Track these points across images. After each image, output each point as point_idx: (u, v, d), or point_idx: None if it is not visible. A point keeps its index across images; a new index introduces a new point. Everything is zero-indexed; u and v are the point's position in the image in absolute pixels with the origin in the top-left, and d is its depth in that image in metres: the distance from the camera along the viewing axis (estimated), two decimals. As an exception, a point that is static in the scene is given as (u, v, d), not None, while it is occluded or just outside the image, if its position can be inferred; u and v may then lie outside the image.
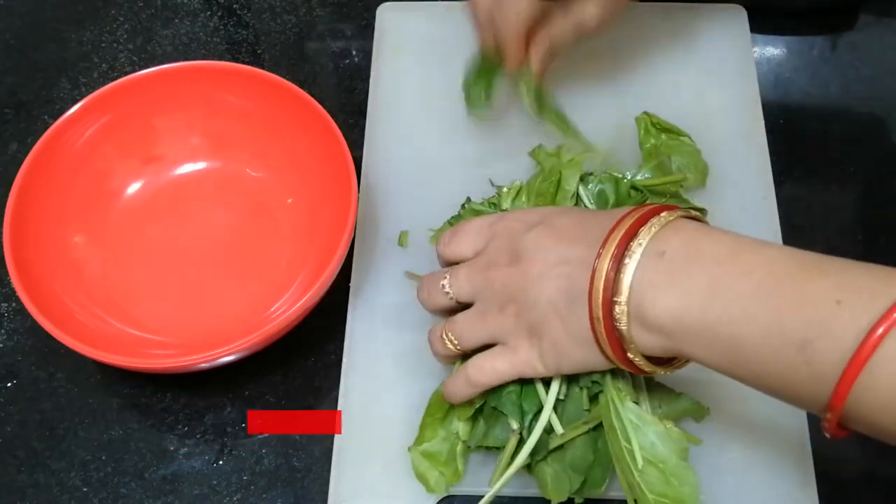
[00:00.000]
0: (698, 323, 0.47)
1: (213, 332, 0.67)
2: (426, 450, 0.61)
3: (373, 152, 0.76)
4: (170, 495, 0.64)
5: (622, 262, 0.50)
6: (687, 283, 0.48)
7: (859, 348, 0.42)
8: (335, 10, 0.87)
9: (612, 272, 0.50)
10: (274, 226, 0.73)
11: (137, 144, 0.74)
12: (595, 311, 0.51)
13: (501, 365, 0.56)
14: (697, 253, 0.48)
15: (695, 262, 0.48)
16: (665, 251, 0.49)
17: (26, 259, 0.65)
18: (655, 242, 0.49)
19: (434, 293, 0.60)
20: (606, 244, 0.51)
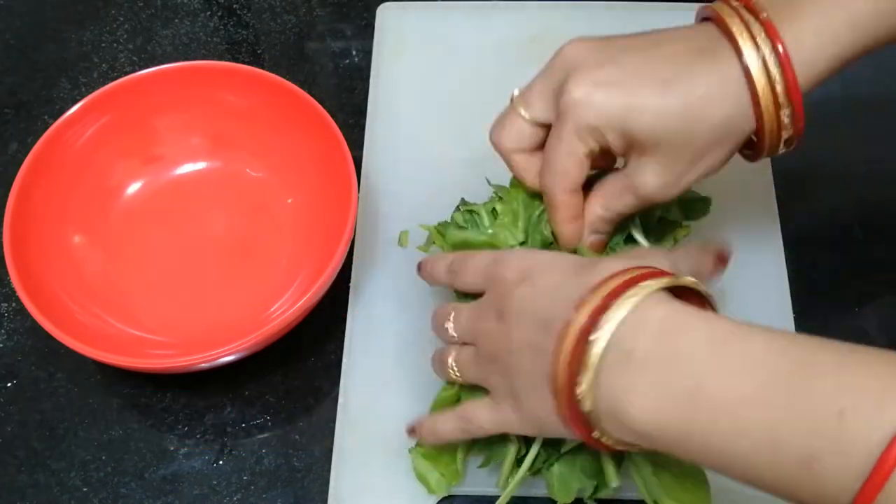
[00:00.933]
0: (683, 433, 0.43)
1: (212, 332, 0.67)
2: (427, 451, 0.61)
3: (373, 152, 0.76)
4: (170, 495, 0.64)
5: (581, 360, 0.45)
6: (665, 389, 0.43)
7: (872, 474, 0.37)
8: (335, 10, 0.87)
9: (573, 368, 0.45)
10: (274, 226, 0.73)
11: (137, 144, 0.74)
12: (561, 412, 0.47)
13: (487, 422, 0.54)
14: (673, 352, 0.43)
15: (671, 363, 0.43)
16: (633, 349, 0.44)
17: (26, 259, 0.65)
18: (621, 338, 0.44)
19: (440, 330, 0.59)
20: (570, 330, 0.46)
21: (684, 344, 0.43)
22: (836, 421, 0.38)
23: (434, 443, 0.60)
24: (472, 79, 0.79)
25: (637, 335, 0.44)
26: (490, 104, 0.78)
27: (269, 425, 0.67)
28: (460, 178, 0.73)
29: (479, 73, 0.80)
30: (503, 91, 0.79)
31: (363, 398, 0.66)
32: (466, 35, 0.82)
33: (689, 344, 0.43)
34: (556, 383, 0.46)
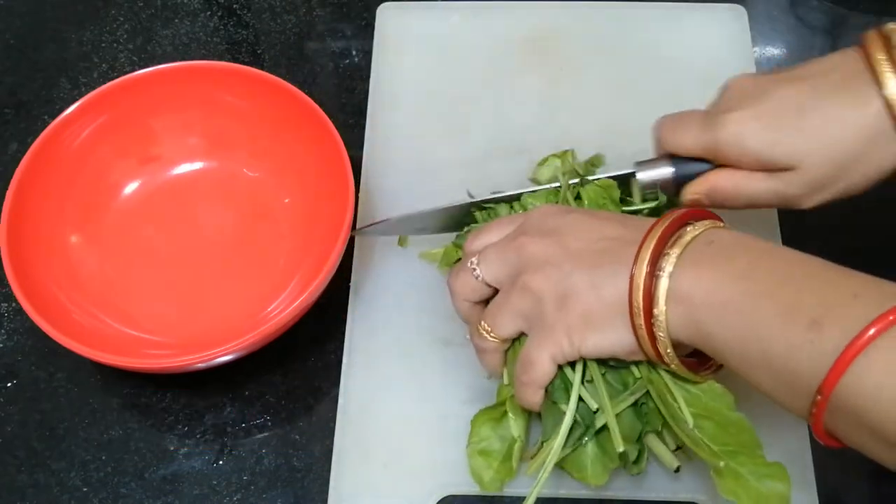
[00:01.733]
0: (723, 296, 0.49)
1: (210, 332, 0.67)
2: (484, 448, 0.60)
3: (372, 152, 0.76)
4: (170, 495, 0.64)
5: (671, 243, 0.52)
6: (725, 266, 0.50)
7: (861, 332, 0.43)
8: (335, 10, 0.87)
9: (659, 249, 0.52)
10: (271, 226, 0.73)
11: (135, 144, 0.74)
12: (636, 280, 0.52)
13: (536, 353, 0.55)
14: (740, 247, 0.51)
15: (736, 252, 0.51)
16: (713, 241, 0.52)
17: (24, 259, 0.65)
18: (706, 234, 0.52)
19: (462, 275, 0.59)
20: (655, 227, 0.53)
21: (751, 240, 0.52)
22: (848, 300, 0.46)
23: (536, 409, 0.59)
24: (471, 79, 0.80)
25: (718, 233, 0.53)
26: (489, 104, 0.79)
27: (269, 425, 0.67)
28: (460, 178, 0.73)
29: (478, 73, 0.80)
30: (502, 91, 0.80)
31: (363, 398, 0.66)
32: (466, 35, 0.82)
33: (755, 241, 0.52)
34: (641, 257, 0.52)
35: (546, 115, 0.77)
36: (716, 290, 0.50)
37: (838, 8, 0.85)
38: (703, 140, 0.60)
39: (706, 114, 0.61)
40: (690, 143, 0.61)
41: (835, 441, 0.47)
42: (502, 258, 0.57)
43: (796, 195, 0.59)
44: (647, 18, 0.83)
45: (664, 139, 0.63)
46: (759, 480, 0.53)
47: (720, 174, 0.61)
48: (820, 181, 0.58)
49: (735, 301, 0.49)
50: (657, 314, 0.51)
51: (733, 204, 0.61)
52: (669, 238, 0.52)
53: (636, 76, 0.79)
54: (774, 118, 0.58)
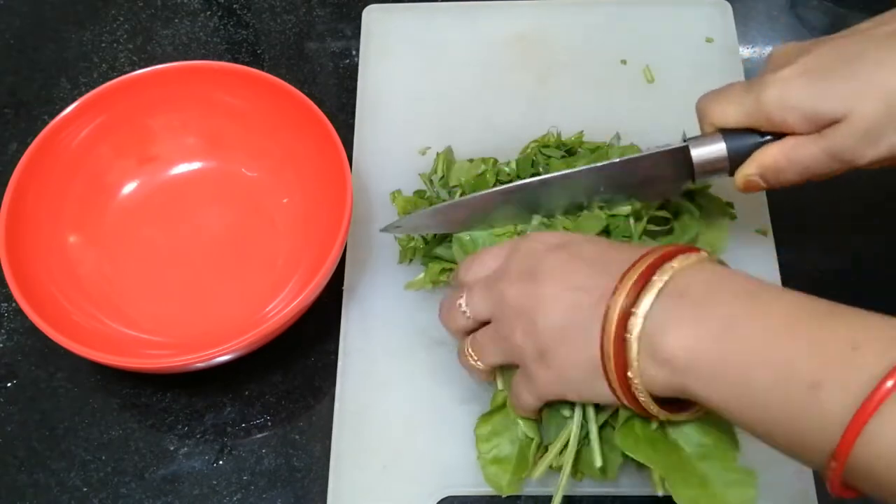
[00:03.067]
0: (710, 359, 0.47)
1: (208, 332, 0.67)
2: (496, 456, 0.60)
3: (364, 153, 0.76)
4: (170, 495, 0.64)
5: (639, 296, 0.49)
6: (703, 320, 0.48)
7: (871, 394, 0.41)
8: (335, 10, 0.87)
9: (628, 304, 0.49)
10: (269, 226, 0.73)
11: (133, 144, 0.74)
12: (605, 343, 0.50)
13: (524, 394, 0.56)
14: (717, 292, 0.49)
15: (713, 300, 0.48)
16: (684, 291, 0.49)
17: (22, 259, 0.65)
18: (676, 282, 0.49)
19: (453, 313, 0.59)
20: (626, 277, 0.50)
21: (728, 286, 0.49)
22: (847, 355, 0.43)
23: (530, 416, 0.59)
24: (458, 79, 0.80)
25: (689, 282, 0.49)
26: (477, 104, 0.79)
27: (269, 425, 0.67)
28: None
29: (465, 72, 0.80)
30: (489, 90, 0.80)
31: (360, 400, 0.66)
32: (452, 35, 0.82)
33: (732, 286, 0.49)
34: (609, 318, 0.50)
35: (534, 114, 0.76)
36: (697, 352, 0.47)
37: (838, 8, 0.85)
38: (747, 105, 0.57)
39: (749, 81, 0.58)
40: (735, 112, 0.58)
41: (853, 492, 0.44)
42: (486, 299, 0.57)
43: (850, 149, 0.54)
44: (633, 17, 0.83)
45: (708, 113, 0.59)
46: (725, 487, 0.53)
47: (768, 149, 0.57)
48: (873, 129, 0.53)
49: (722, 366, 0.46)
50: (632, 377, 0.50)
51: (790, 177, 0.58)
52: (639, 291, 0.49)
53: (623, 74, 0.79)
54: (819, 71, 0.54)
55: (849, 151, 0.54)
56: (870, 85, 0.53)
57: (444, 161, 0.72)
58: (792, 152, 0.56)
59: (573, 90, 0.78)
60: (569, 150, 0.71)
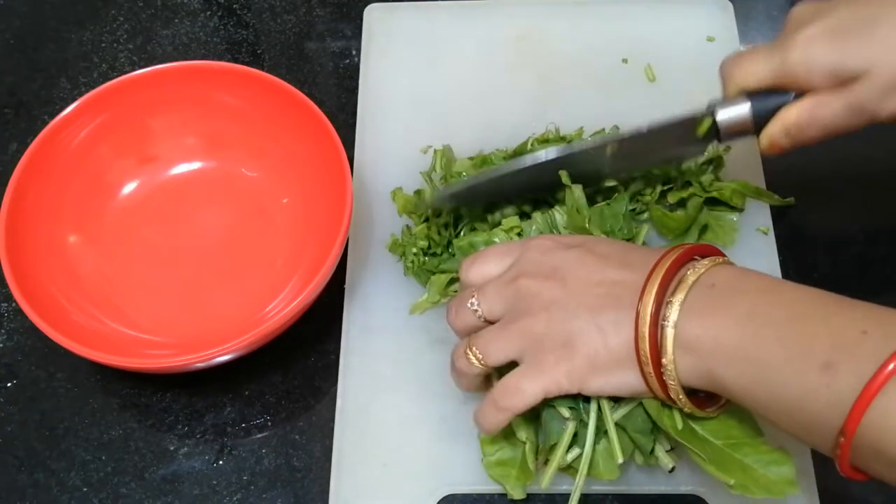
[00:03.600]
0: (733, 343, 0.50)
1: (208, 332, 0.67)
2: (499, 458, 0.60)
3: (365, 152, 0.76)
4: (170, 495, 0.64)
5: (672, 288, 0.52)
6: (729, 310, 0.50)
7: (877, 372, 0.44)
8: (335, 10, 0.87)
9: (661, 297, 0.52)
10: (269, 226, 0.73)
11: (133, 144, 0.74)
12: (642, 331, 0.52)
13: (528, 385, 0.55)
14: (743, 286, 0.52)
15: (739, 292, 0.51)
16: (714, 283, 0.52)
17: (22, 259, 0.65)
18: (706, 276, 0.52)
19: (462, 313, 0.59)
20: (655, 271, 0.53)
21: (752, 281, 0.52)
22: (857, 337, 0.46)
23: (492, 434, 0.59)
24: (459, 78, 0.80)
25: (717, 276, 0.52)
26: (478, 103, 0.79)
27: (269, 425, 0.67)
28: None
29: (466, 71, 0.80)
30: (491, 89, 0.80)
31: (361, 399, 0.66)
32: (453, 35, 0.82)
33: (756, 282, 0.52)
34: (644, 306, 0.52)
35: (535, 113, 0.76)
36: (723, 336, 0.50)
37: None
38: (772, 64, 0.59)
39: (771, 43, 0.60)
40: (759, 71, 0.60)
41: (861, 475, 0.47)
42: (503, 297, 0.57)
43: (872, 101, 0.57)
44: (633, 14, 0.83)
45: (732, 75, 0.62)
46: (765, 468, 0.54)
47: (791, 108, 0.59)
48: (893, 82, 0.56)
49: (744, 347, 0.49)
50: (666, 363, 0.51)
51: (814, 135, 0.60)
52: (670, 283, 0.52)
53: (624, 73, 0.79)
54: (842, 30, 0.57)
55: (871, 104, 0.57)
56: (889, 43, 0.56)
57: (443, 158, 0.72)
58: (816, 109, 0.59)
59: (574, 89, 0.78)
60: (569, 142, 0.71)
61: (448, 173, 0.71)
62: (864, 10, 0.57)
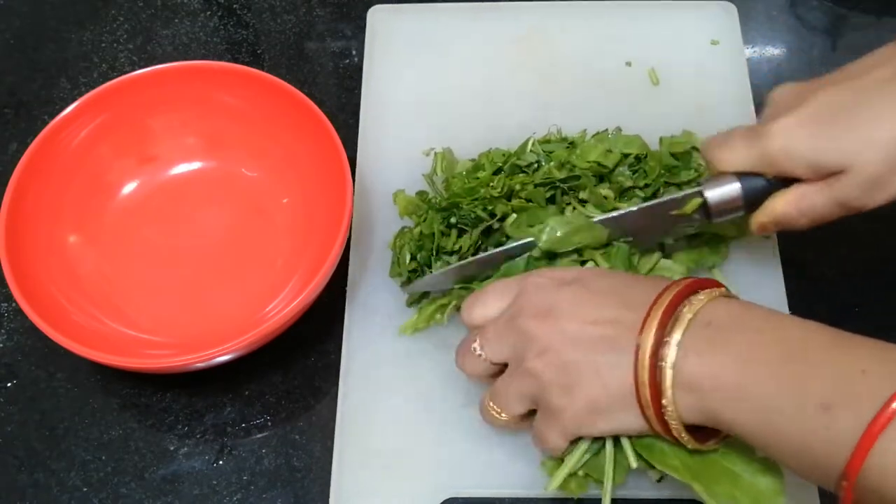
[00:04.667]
0: (732, 382, 0.49)
1: (208, 332, 0.67)
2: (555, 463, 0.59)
3: (367, 154, 0.76)
4: (170, 495, 0.64)
5: (670, 327, 0.51)
6: (727, 349, 0.50)
7: (878, 415, 0.43)
8: (335, 10, 0.87)
9: (658, 337, 0.51)
10: (269, 226, 0.73)
11: (133, 144, 0.74)
12: (640, 373, 0.51)
13: (549, 434, 0.56)
14: (740, 323, 0.51)
15: (736, 330, 0.51)
16: (711, 322, 0.51)
17: (22, 259, 0.65)
18: (702, 314, 0.51)
19: (468, 358, 0.59)
20: (653, 308, 0.52)
21: (749, 318, 0.51)
22: (856, 378, 0.45)
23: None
24: (463, 79, 0.80)
25: (714, 313, 0.52)
26: (481, 104, 0.79)
27: (269, 425, 0.67)
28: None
29: (469, 73, 0.80)
30: (494, 91, 0.80)
31: (362, 402, 0.66)
32: (457, 36, 0.82)
33: (753, 318, 0.51)
34: (642, 348, 0.51)
35: (539, 115, 0.76)
36: (721, 376, 0.49)
37: (838, 8, 0.85)
38: (753, 154, 0.58)
39: (752, 128, 0.59)
40: (741, 160, 0.59)
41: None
42: (502, 339, 0.57)
43: (856, 198, 0.56)
44: (637, 16, 0.83)
45: (715, 159, 0.60)
46: (753, 477, 0.54)
47: (778, 199, 0.59)
48: (877, 178, 0.55)
49: (742, 387, 0.49)
50: (666, 404, 0.51)
51: (802, 225, 0.59)
52: (668, 322, 0.51)
53: (628, 76, 0.79)
54: (820, 122, 0.56)
55: (855, 200, 0.56)
56: (869, 138, 0.55)
57: (444, 161, 0.72)
58: (801, 202, 0.58)
59: (578, 91, 0.78)
60: (572, 143, 0.71)
61: (449, 176, 0.71)
62: (843, 97, 0.56)
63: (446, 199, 0.68)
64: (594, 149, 0.69)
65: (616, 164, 0.69)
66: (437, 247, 0.67)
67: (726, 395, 0.49)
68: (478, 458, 0.63)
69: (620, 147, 0.69)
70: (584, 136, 0.72)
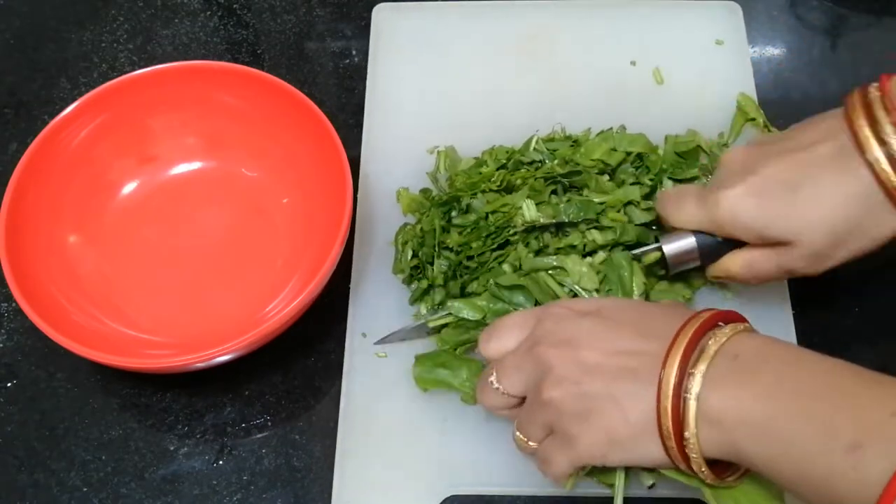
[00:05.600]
0: (757, 417, 0.49)
1: (208, 332, 0.67)
2: None
3: (371, 152, 0.76)
4: (170, 495, 0.64)
5: (694, 359, 0.51)
6: (753, 383, 0.50)
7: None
8: (335, 10, 0.87)
9: (683, 368, 0.51)
10: (269, 226, 0.73)
11: (133, 144, 0.74)
12: (664, 404, 0.51)
13: (558, 458, 0.56)
14: (766, 356, 0.51)
15: (762, 362, 0.50)
16: (738, 354, 0.51)
17: (22, 259, 0.65)
18: (728, 347, 0.51)
19: (486, 392, 0.59)
20: (677, 340, 0.52)
21: (775, 351, 0.51)
22: (886, 419, 0.45)
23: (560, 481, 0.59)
24: (467, 78, 0.80)
25: (741, 346, 0.51)
26: (485, 103, 0.79)
27: (269, 425, 0.67)
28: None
29: (474, 71, 0.80)
30: (498, 90, 0.80)
31: (364, 400, 0.66)
32: (461, 34, 0.82)
33: (779, 352, 0.51)
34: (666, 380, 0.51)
35: (543, 114, 0.76)
36: (747, 410, 0.49)
37: (838, 8, 0.85)
38: (702, 218, 0.61)
39: (701, 191, 0.62)
40: (691, 221, 0.62)
41: None
42: (520, 370, 0.57)
43: (802, 267, 0.59)
44: (641, 16, 0.83)
45: (667, 216, 0.64)
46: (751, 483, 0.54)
47: (730, 261, 0.62)
48: (820, 252, 0.58)
49: (768, 422, 0.48)
50: (688, 437, 0.51)
51: (752, 282, 0.62)
52: (692, 354, 0.51)
53: (632, 75, 0.79)
54: (766, 196, 0.58)
55: (801, 269, 0.59)
56: (812, 217, 0.57)
57: (447, 159, 0.72)
58: (753, 265, 0.61)
59: (582, 90, 0.78)
60: (576, 141, 0.71)
61: (452, 173, 0.71)
62: (789, 172, 0.58)
63: (448, 193, 0.68)
64: (598, 147, 0.70)
65: (620, 162, 0.69)
66: (438, 243, 0.67)
67: (750, 430, 0.49)
68: (479, 456, 0.63)
69: (625, 145, 0.70)
70: (588, 135, 0.72)
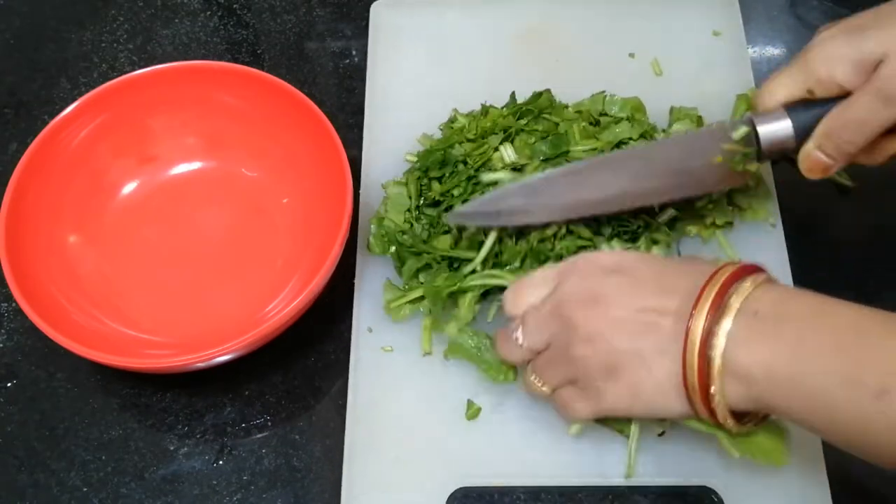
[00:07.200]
0: (784, 373, 0.49)
1: (208, 332, 0.67)
2: None
3: (371, 151, 0.76)
4: (170, 495, 0.64)
5: (718, 318, 0.51)
6: (777, 338, 0.50)
7: None
8: (335, 10, 0.87)
9: (708, 326, 0.51)
10: (269, 226, 0.73)
11: (133, 144, 0.74)
12: (690, 360, 0.52)
13: (579, 406, 0.57)
14: (786, 312, 0.51)
15: (784, 320, 0.51)
16: (758, 311, 0.51)
17: (22, 259, 0.65)
18: (749, 302, 0.52)
19: (509, 347, 0.60)
20: (702, 297, 0.52)
21: (795, 305, 0.51)
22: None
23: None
24: (467, 74, 0.80)
25: (761, 301, 0.52)
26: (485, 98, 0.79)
27: (269, 425, 0.67)
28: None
29: (473, 68, 0.80)
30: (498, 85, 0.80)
31: (372, 394, 0.66)
32: (460, 31, 0.82)
33: (799, 306, 0.51)
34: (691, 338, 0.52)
35: (542, 109, 0.77)
36: (772, 365, 0.50)
37: (838, 8, 0.84)
38: (794, 71, 0.61)
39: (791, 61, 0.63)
40: (784, 83, 0.62)
41: None
42: (544, 327, 0.57)
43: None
44: (640, 9, 0.83)
45: (759, 101, 0.64)
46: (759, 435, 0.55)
47: (823, 122, 0.61)
48: None
49: (795, 376, 0.49)
50: (714, 392, 0.51)
51: (855, 140, 0.60)
52: (716, 312, 0.52)
53: (631, 67, 0.79)
54: (857, 27, 0.59)
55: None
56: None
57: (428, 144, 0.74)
58: (845, 109, 0.60)
59: (582, 83, 0.78)
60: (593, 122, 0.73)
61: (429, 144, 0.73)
62: (880, 10, 0.59)
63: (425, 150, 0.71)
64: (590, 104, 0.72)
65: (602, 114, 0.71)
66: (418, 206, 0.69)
67: (778, 384, 0.50)
68: (488, 448, 0.63)
69: (618, 108, 0.72)
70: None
